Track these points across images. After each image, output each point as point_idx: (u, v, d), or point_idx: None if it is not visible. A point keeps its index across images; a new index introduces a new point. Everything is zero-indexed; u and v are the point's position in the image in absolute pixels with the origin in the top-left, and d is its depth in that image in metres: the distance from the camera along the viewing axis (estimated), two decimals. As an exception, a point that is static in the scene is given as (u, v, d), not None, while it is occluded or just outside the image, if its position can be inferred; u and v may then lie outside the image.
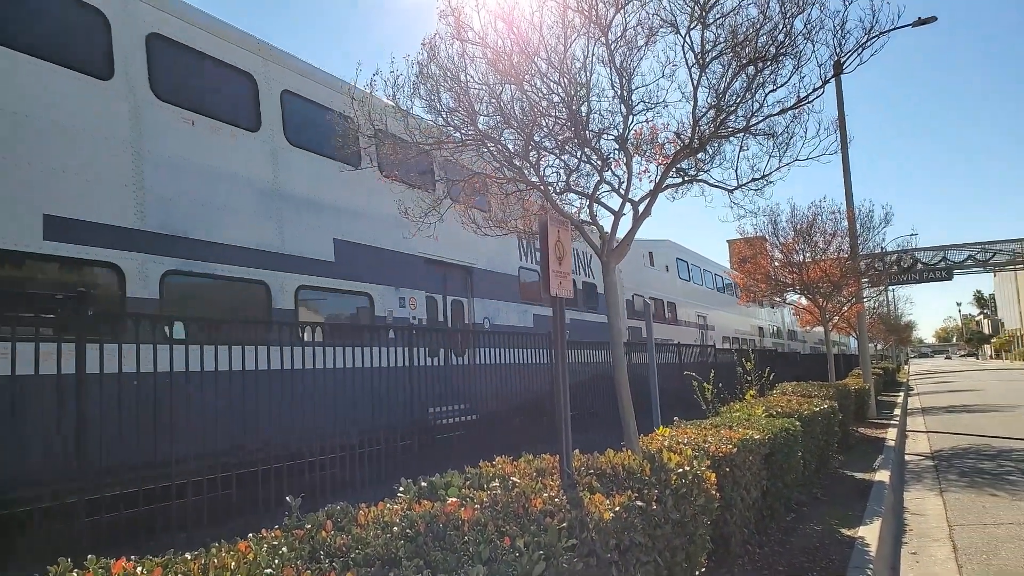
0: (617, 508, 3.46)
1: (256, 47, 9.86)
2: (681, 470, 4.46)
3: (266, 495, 6.34)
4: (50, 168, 7.32)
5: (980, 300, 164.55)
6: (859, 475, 9.85)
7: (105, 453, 5.29)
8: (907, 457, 12.72)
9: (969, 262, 75.64)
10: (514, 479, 3.83)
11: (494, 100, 6.01)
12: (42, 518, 5.03)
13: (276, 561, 2.62)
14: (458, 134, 6.19)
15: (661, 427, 7.03)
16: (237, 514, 6.18)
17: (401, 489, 3.66)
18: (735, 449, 5.81)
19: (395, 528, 2.95)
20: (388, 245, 11.47)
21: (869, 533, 6.72)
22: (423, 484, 3.73)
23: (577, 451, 4.63)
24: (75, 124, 7.63)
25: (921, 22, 20.89)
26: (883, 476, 9.48)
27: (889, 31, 6.19)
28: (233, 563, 2.58)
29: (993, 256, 76.77)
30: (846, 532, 6.87)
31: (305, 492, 4.39)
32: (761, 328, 42.39)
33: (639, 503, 3.69)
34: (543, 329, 12.44)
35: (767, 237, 18.55)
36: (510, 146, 6.21)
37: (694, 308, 29.47)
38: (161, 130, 8.43)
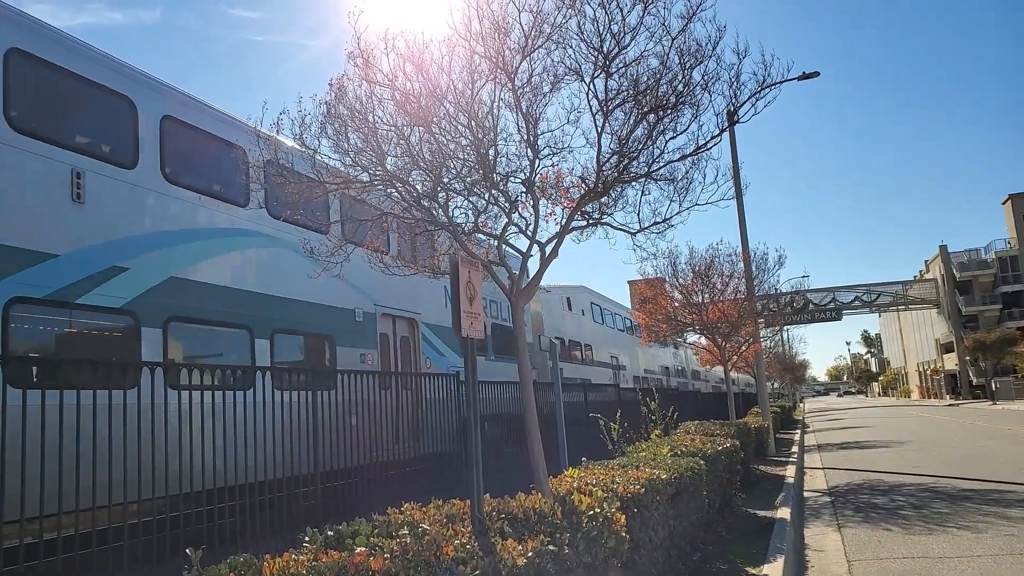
0: (530, 553, 3.41)
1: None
2: (592, 512, 4.45)
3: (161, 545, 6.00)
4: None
5: (867, 339, 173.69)
6: (761, 513, 10.07)
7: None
8: (806, 494, 13.11)
9: (856, 303, 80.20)
10: (424, 526, 3.73)
11: (403, 141, 6.00)
12: None
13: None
14: (366, 174, 6.14)
15: (570, 468, 7.03)
16: (130, 567, 5.81)
17: (307, 539, 3.50)
18: (643, 489, 5.83)
19: (299, 582, 2.81)
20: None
21: (773, 571, 6.84)
22: (329, 533, 3.59)
23: (488, 495, 4.57)
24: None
25: (805, 77, 22.09)
26: (784, 513, 9.72)
27: (780, 83, 6.53)
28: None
29: (877, 298, 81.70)
30: (751, 571, 6.98)
31: (204, 543, 4.15)
32: (667, 367, 44.26)
33: (551, 547, 3.65)
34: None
35: (666, 279, 19.06)
36: (418, 187, 6.20)
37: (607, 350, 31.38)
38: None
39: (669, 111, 6.23)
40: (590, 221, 6.85)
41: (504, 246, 6.54)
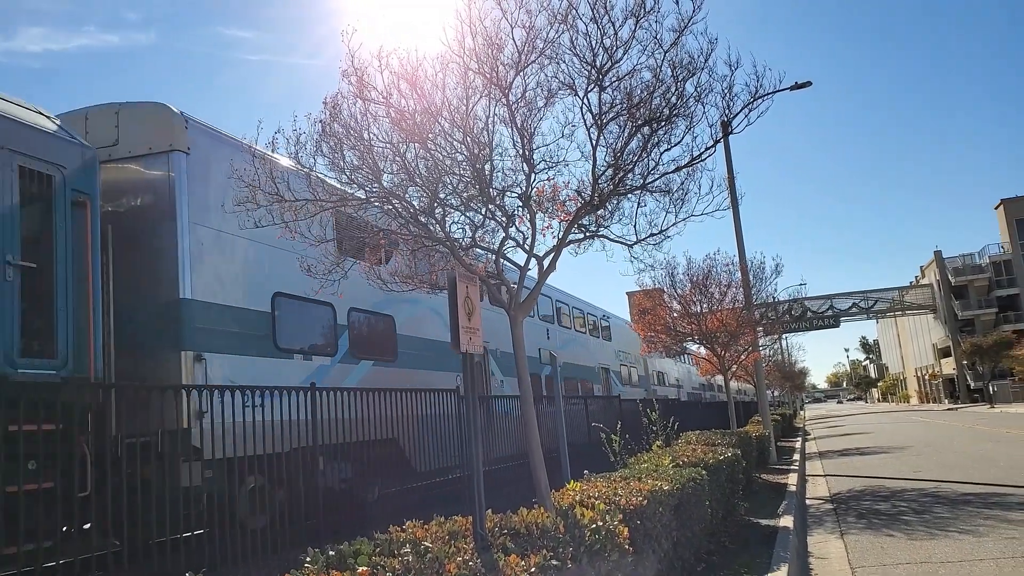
0: (532, 569, 3.40)
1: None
2: (595, 526, 4.44)
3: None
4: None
5: (865, 346, 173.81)
6: (764, 521, 10.04)
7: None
8: (808, 501, 13.08)
9: (853, 310, 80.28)
10: (426, 544, 3.72)
11: (398, 158, 6.02)
12: None
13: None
14: (362, 192, 6.15)
15: (571, 481, 7.01)
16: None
17: (308, 559, 3.48)
18: (645, 501, 5.82)
19: (302, 603, 2.81)
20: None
21: (777, 579, 6.83)
22: (331, 553, 3.57)
23: (490, 511, 4.56)
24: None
25: (798, 86, 22.16)
26: (787, 521, 9.69)
27: (772, 94, 6.56)
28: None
29: (874, 304, 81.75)
30: (755, 579, 6.97)
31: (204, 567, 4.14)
32: (703, 383, 53.32)
33: (554, 562, 3.64)
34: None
35: (664, 289, 19.08)
36: (415, 203, 6.22)
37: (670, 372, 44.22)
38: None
39: (663, 123, 6.25)
40: (587, 234, 6.86)
41: (502, 260, 6.54)
